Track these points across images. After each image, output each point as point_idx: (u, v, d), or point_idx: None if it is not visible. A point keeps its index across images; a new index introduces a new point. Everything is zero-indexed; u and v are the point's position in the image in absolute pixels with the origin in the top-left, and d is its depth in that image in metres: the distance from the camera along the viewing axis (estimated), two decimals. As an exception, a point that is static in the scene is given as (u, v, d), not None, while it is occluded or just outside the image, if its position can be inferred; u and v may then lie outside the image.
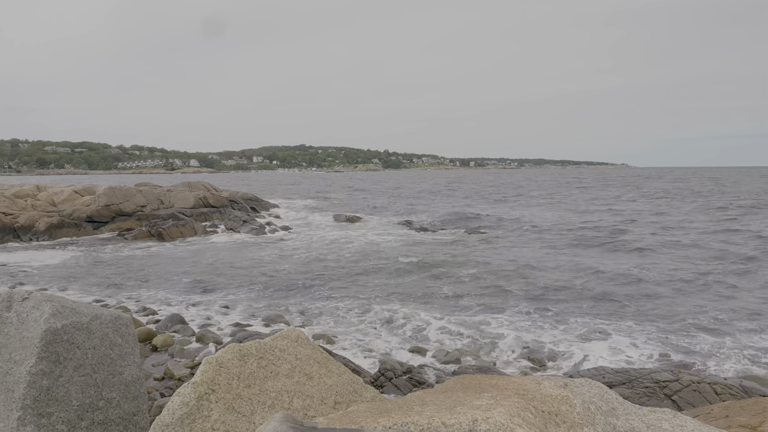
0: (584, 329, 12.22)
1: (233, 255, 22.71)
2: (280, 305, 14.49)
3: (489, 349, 11.15)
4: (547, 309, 13.87)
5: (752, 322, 12.66)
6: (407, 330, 12.38)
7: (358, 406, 2.39)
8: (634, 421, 2.47)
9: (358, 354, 11.00)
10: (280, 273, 18.72)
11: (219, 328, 12.55)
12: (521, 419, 1.96)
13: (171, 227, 28.55)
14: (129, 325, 3.57)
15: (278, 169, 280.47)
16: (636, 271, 18.38)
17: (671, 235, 27.23)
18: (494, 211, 42.07)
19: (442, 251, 23.32)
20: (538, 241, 25.31)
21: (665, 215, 37.32)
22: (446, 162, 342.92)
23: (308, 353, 3.13)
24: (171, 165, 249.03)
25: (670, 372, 8.63)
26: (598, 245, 23.48)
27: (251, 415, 2.64)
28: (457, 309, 13.99)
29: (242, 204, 38.20)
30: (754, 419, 5.90)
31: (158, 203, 33.02)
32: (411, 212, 42.72)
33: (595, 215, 37.79)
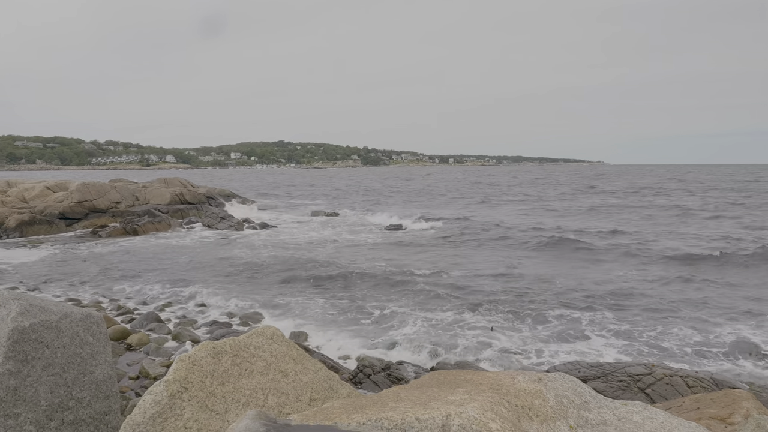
0: (560, 326, 12.37)
1: (210, 252, 22.48)
2: (259, 302, 14.39)
3: (467, 345, 11.22)
4: (524, 308, 14.00)
5: (721, 317, 12.95)
6: (386, 327, 12.40)
7: (333, 403, 2.38)
8: (606, 413, 2.51)
9: (337, 351, 10.98)
10: (258, 270, 18.59)
11: (196, 326, 12.42)
12: (494, 413, 1.98)
13: (146, 224, 28.15)
14: (100, 324, 3.50)
15: (256, 165, 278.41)
16: (601, 271, 18.67)
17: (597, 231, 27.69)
18: (467, 212, 42.35)
19: (421, 249, 23.40)
20: (505, 241, 25.42)
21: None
22: (425, 159, 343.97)
23: (284, 350, 3.11)
24: (146, 161, 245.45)
25: (643, 366, 8.77)
26: (572, 249, 23.77)
27: (225, 413, 2.61)
28: (435, 307, 14.05)
29: (219, 200, 37.85)
30: (723, 411, 6.04)
31: (133, 200, 32.52)
32: (391, 209, 42.77)
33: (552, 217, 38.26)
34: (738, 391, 6.36)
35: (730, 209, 39.17)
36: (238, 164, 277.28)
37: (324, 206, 44.61)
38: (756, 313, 13.16)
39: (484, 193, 63.76)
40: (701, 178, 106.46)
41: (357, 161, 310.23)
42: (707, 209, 38.94)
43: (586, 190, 64.15)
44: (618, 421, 2.44)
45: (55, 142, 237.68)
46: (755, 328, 12.03)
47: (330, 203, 49.06)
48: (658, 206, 41.75)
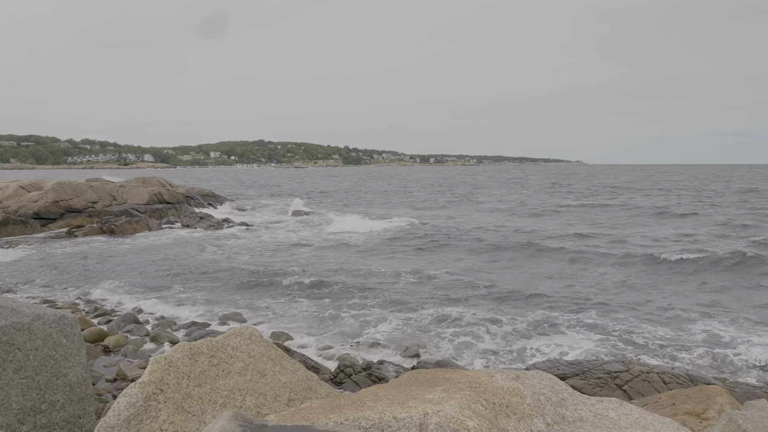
0: (540, 325, 12.48)
1: (189, 252, 22.24)
2: (238, 303, 14.28)
3: (448, 344, 11.26)
4: (502, 307, 14.10)
5: (696, 313, 13.19)
6: (367, 327, 12.39)
7: (311, 403, 2.37)
8: (583, 410, 2.54)
9: (317, 351, 10.94)
10: (238, 270, 18.44)
11: (174, 327, 12.27)
12: (472, 411, 1.99)
13: (124, 224, 27.74)
14: (74, 325, 3.44)
15: (236, 164, 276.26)
16: (578, 269, 18.89)
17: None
18: (445, 211, 42.52)
19: (397, 249, 23.43)
20: (482, 242, 25.56)
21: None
22: (406, 158, 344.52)
23: (262, 351, 3.09)
24: (124, 160, 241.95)
25: (621, 363, 8.88)
26: (548, 249, 24.00)
27: (202, 414, 2.58)
28: (415, 307, 14.07)
29: (199, 200, 37.47)
30: (698, 406, 6.15)
31: (110, 199, 32.03)
32: (372, 209, 42.76)
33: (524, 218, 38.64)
34: (712, 387, 6.48)
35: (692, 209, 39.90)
36: (218, 163, 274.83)
37: (304, 206, 44.46)
38: (724, 311, 13.43)
39: (458, 193, 64.11)
40: (666, 178, 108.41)
41: (338, 161, 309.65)
42: (671, 209, 39.57)
43: (553, 191, 64.57)
44: (594, 418, 2.47)
45: (29, 140, 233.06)
46: (727, 326, 12.27)
47: (310, 203, 48.90)
48: (618, 206, 42.23)
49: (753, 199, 48.51)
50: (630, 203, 44.13)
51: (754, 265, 18.15)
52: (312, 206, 44.19)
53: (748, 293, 15.22)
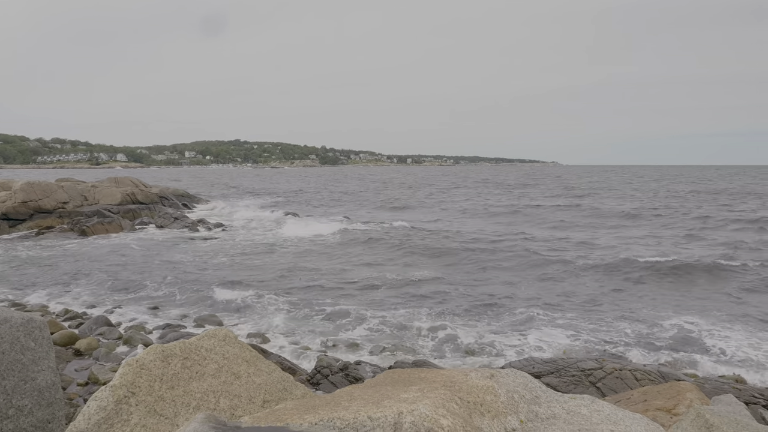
0: (517, 323, 12.61)
1: (163, 253, 21.92)
2: (214, 304, 14.12)
3: (425, 344, 11.31)
4: (481, 305, 14.22)
5: (667, 311, 13.48)
6: (345, 327, 12.37)
7: (286, 404, 2.36)
8: (556, 407, 2.57)
9: (295, 352, 10.89)
10: (213, 271, 18.24)
11: (148, 329, 12.09)
12: (446, 410, 2.00)
13: (96, 225, 27.23)
14: (43, 329, 3.36)
15: (211, 164, 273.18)
16: (555, 267, 19.16)
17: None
18: (421, 213, 42.69)
19: (371, 250, 23.46)
20: (447, 243, 25.71)
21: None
22: (383, 159, 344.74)
23: (236, 352, 3.06)
24: (96, 159, 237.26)
25: (594, 360, 9.01)
26: (506, 251, 24.27)
27: (174, 417, 2.55)
28: (394, 306, 14.10)
29: (173, 200, 36.96)
30: (669, 402, 6.28)
31: (82, 200, 31.40)
32: (348, 210, 42.71)
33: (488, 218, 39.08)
34: (683, 383, 6.63)
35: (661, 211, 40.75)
36: (193, 163, 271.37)
37: (279, 206, 44.23)
38: (693, 309, 13.75)
39: (427, 192, 64.44)
40: (620, 178, 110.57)
41: (315, 161, 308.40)
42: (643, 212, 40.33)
43: (519, 193, 65.01)
44: (567, 415, 2.50)
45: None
46: (698, 323, 12.56)
47: (286, 203, 48.64)
48: (576, 208, 42.70)
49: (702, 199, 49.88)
50: (573, 204, 44.65)
51: (718, 268, 18.62)
52: (287, 207, 43.97)
53: (715, 292, 15.60)
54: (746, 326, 12.32)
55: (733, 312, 13.43)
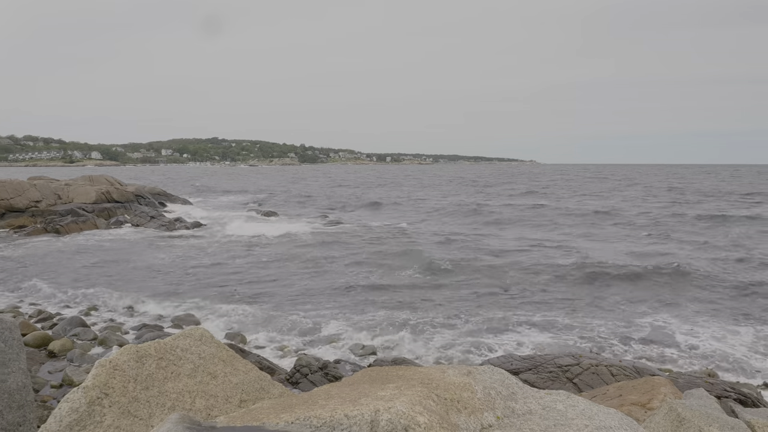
0: (496, 321, 12.71)
1: (139, 252, 21.61)
2: (191, 304, 13.97)
3: (406, 341, 11.33)
4: (457, 305, 14.29)
5: (643, 306, 13.71)
6: (324, 326, 12.33)
7: (262, 403, 2.34)
8: (532, 403, 2.60)
9: (274, 351, 10.84)
10: (190, 270, 18.04)
11: (124, 329, 11.91)
12: (422, 407, 2.01)
13: (70, 224, 26.73)
14: (13, 330, 3.29)
15: (189, 162, 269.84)
16: (533, 265, 19.34)
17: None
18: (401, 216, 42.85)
19: (359, 248, 23.44)
20: (414, 243, 25.77)
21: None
22: (363, 157, 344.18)
23: (213, 352, 3.03)
24: (70, 157, 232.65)
25: (571, 357, 9.13)
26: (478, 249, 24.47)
27: (149, 418, 2.51)
28: (374, 305, 14.11)
29: (150, 199, 36.43)
30: (643, 397, 6.39)
31: (55, 198, 30.79)
32: (330, 208, 42.60)
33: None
34: (657, 378, 6.75)
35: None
36: (170, 162, 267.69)
37: (257, 205, 43.94)
38: (667, 305, 14.01)
39: (405, 190, 64.64)
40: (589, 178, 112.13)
41: (294, 159, 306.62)
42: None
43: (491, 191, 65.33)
44: (542, 410, 2.53)
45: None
46: (671, 319, 12.80)
47: (264, 202, 48.33)
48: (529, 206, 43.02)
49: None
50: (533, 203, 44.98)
51: (687, 265, 18.99)
52: (263, 206, 43.71)
53: (684, 289, 15.90)
54: (717, 321, 12.59)
55: (704, 308, 13.72)
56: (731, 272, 17.65)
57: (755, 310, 13.41)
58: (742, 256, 20.68)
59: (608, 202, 45.40)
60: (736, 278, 16.69)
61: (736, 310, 13.48)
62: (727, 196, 52.24)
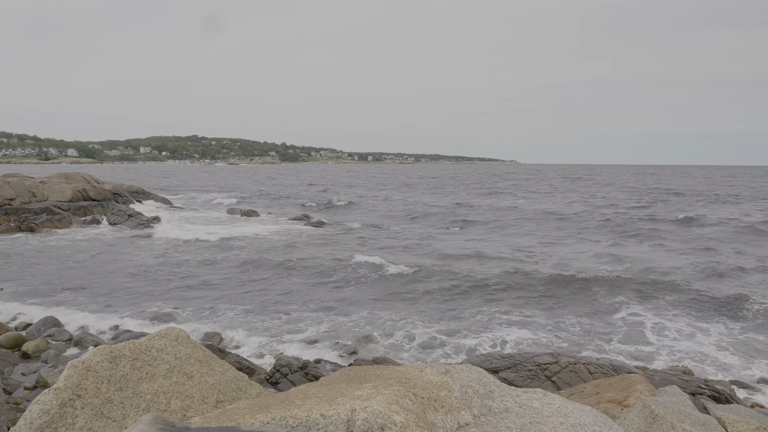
0: (478, 321, 12.79)
1: (117, 251, 21.30)
2: (169, 303, 13.81)
3: (386, 341, 11.34)
4: (442, 303, 14.35)
5: (618, 306, 13.90)
6: (304, 326, 12.29)
7: (239, 404, 2.32)
8: (509, 401, 2.63)
9: (253, 351, 10.77)
10: (169, 270, 17.84)
11: (100, 330, 11.74)
12: (399, 406, 2.01)
13: (45, 222, 26.25)
14: (-17, 330, 3.21)
15: (168, 160, 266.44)
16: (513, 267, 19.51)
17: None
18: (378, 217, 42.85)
19: (338, 248, 23.40)
20: (390, 242, 26.01)
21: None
22: (344, 156, 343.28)
23: (189, 352, 2.99)
24: (45, 155, 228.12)
25: (550, 355, 9.23)
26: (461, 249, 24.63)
27: (123, 419, 2.48)
28: (352, 304, 14.10)
29: (128, 197, 35.92)
30: (620, 394, 6.48)
31: (30, 196, 30.19)
32: (308, 208, 42.44)
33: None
34: (633, 376, 6.85)
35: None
36: (148, 159, 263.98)
37: (238, 204, 43.62)
38: (644, 303, 14.23)
39: (384, 191, 64.73)
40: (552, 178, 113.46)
41: (275, 158, 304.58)
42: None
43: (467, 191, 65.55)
44: (519, 408, 2.56)
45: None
46: (648, 317, 13.00)
47: (244, 201, 47.97)
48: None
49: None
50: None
51: (656, 264, 19.30)
52: (246, 204, 43.39)
53: (658, 289, 16.16)
54: (690, 320, 12.82)
55: (677, 308, 13.95)
56: (700, 272, 17.98)
57: (726, 310, 13.68)
58: (706, 257, 21.11)
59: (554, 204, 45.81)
60: (704, 279, 17.01)
61: (708, 310, 13.74)
62: (689, 198, 53.05)
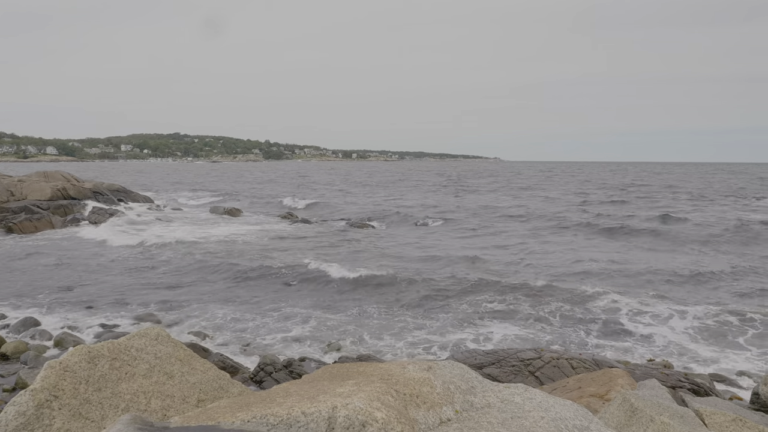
0: (460, 318, 12.84)
1: (97, 250, 21.04)
2: (152, 303, 13.67)
3: (372, 339, 11.35)
4: (425, 300, 14.38)
5: (600, 300, 14.05)
6: (289, 324, 12.25)
7: (219, 402, 2.31)
8: (491, 397, 2.64)
9: (238, 350, 10.70)
10: (151, 268, 17.66)
11: (82, 330, 11.58)
12: (380, 403, 2.01)
13: (24, 221, 25.83)
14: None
15: (150, 158, 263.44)
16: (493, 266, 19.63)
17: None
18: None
19: (306, 243, 23.36)
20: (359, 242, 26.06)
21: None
22: (329, 153, 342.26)
23: (169, 351, 2.97)
24: (23, 153, 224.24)
25: (533, 351, 9.31)
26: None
27: (102, 420, 2.45)
28: (337, 301, 14.09)
29: (108, 196, 35.46)
30: (602, 388, 6.55)
31: (7, 195, 29.68)
32: (292, 207, 42.27)
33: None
34: (614, 370, 6.94)
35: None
36: (129, 157, 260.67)
37: (221, 202, 43.33)
38: (626, 296, 14.40)
39: (364, 189, 64.77)
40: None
41: (258, 155, 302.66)
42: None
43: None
44: (501, 403, 2.58)
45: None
46: (629, 311, 13.15)
47: (228, 199, 47.66)
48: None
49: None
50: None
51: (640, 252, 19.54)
52: (229, 202, 43.12)
53: (639, 282, 16.37)
54: (670, 313, 13.00)
55: (657, 302, 14.14)
56: (678, 265, 18.24)
57: (705, 301, 13.89)
58: (676, 253, 21.43)
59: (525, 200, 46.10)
60: (678, 275, 17.27)
61: (686, 302, 13.94)
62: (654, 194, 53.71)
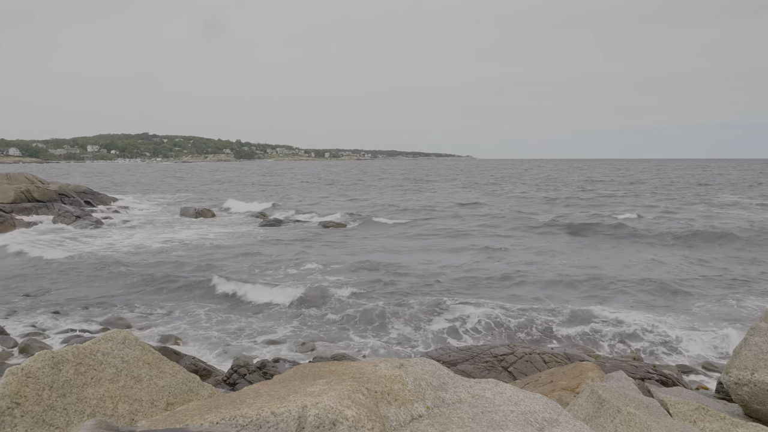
0: (433, 316, 12.90)
1: (65, 254, 20.53)
2: (121, 306, 13.41)
3: (345, 337, 11.33)
4: (401, 296, 14.41)
5: (571, 296, 14.29)
6: (264, 326, 12.15)
7: (188, 405, 2.28)
8: (462, 392, 2.67)
9: (211, 353, 10.58)
10: (120, 271, 17.31)
11: (48, 336, 11.30)
12: (351, 401, 2.01)
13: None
14: None
15: (117, 159, 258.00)
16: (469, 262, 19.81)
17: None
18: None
19: (283, 243, 23.23)
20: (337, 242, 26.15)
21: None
22: (301, 153, 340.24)
23: (137, 355, 2.92)
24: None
25: (506, 346, 9.41)
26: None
27: (66, 426, 2.39)
28: (314, 301, 14.01)
29: (75, 198, 34.64)
30: (573, 382, 6.66)
31: (-31, 198, 28.77)
32: (266, 207, 41.97)
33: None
34: (585, 364, 7.06)
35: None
36: (96, 158, 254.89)
37: (191, 203, 42.73)
38: (595, 290, 14.67)
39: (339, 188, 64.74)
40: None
41: (230, 155, 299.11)
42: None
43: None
44: (472, 399, 2.60)
45: None
46: (600, 306, 13.41)
47: (198, 199, 47.03)
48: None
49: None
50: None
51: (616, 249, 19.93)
52: (200, 203, 42.54)
53: (609, 279, 16.71)
54: (640, 309, 13.29)
55: (626, 298, 14.45)
56: (646, 263, 18.67)
57: (674, 298, 14.25)
58: (645, 243, 21.94)
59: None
60: (645, 271, 17.68)
61: (657, 299, 14.28)
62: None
